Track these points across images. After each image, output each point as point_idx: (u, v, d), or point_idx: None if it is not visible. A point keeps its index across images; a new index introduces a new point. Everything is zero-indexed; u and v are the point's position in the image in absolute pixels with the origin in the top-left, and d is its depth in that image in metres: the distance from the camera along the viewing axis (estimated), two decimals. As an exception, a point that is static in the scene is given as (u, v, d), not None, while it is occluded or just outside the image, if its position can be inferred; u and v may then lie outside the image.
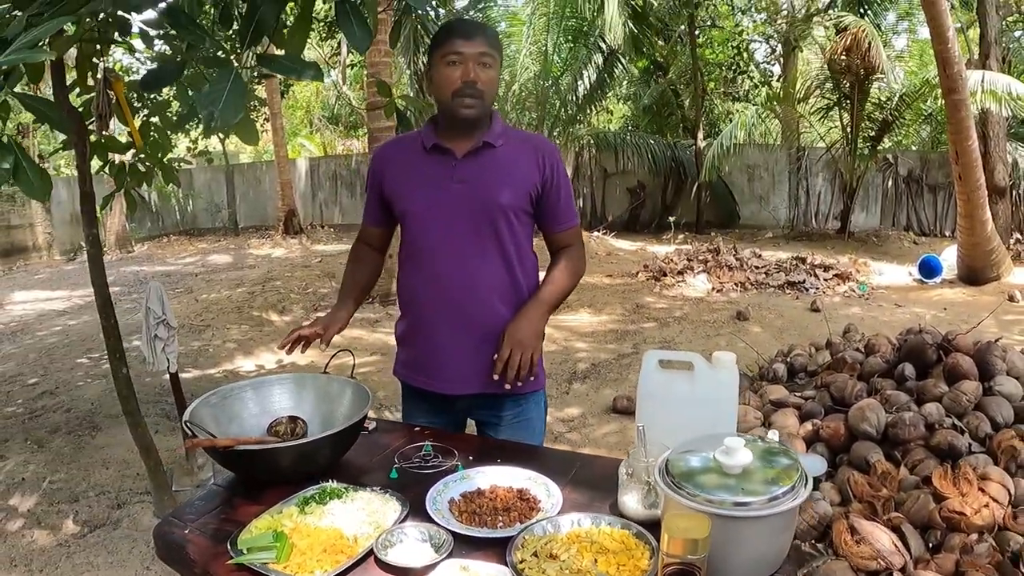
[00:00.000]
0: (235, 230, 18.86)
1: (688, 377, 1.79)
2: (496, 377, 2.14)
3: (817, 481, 3.34)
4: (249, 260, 13.98)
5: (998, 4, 11.85)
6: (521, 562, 1.41)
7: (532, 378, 2.20)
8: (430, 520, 1.59)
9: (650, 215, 16.28)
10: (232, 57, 2.12)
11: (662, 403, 1.77)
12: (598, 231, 14.99)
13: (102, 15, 2.54)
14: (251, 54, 1.93)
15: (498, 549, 1.48)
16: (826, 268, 9.97)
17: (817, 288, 9.30)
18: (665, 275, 10.18)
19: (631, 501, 1.59)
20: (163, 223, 18.91)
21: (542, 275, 2.33)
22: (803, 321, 7.71)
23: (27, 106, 1.98)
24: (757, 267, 10.25)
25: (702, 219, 15.65)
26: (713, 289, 9.54)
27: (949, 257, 10.08)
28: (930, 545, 2.83)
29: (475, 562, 1.44)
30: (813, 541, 3.02)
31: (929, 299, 8.89)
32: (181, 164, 4.54)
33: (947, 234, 13.45)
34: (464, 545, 1.51)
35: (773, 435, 1.54)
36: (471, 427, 2.45)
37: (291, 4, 2.69)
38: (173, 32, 2.67)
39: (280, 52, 2.22)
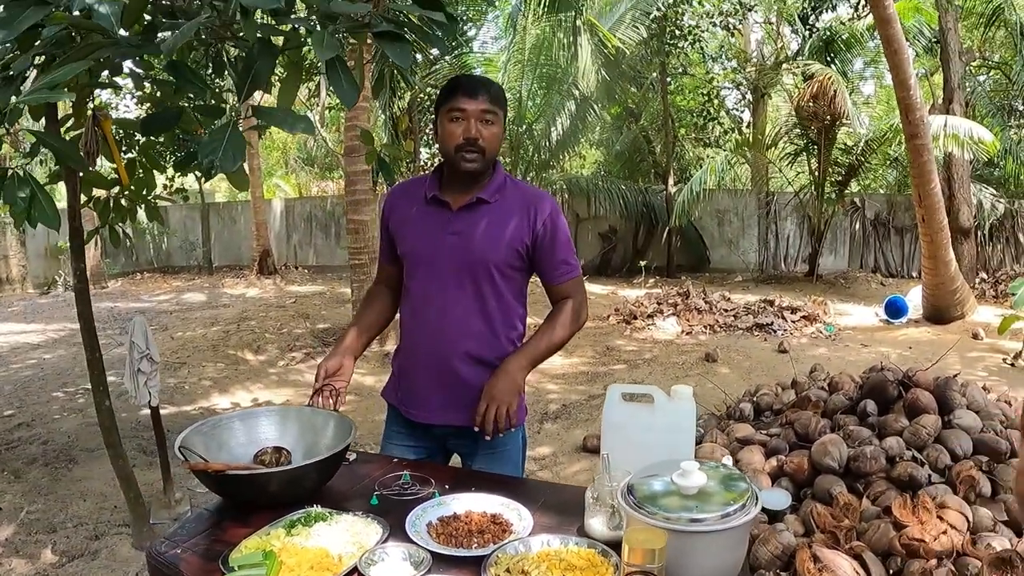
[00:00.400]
0: (209, 269, 18.86)
1: (649, 409, 1.92)
2: (476, 429, 2.23)
3: (782, 514, 3.47)
4: (224, 299, 13.99)
5: (960, 50, 12.29)
6: (495, 577, 1.52)
7: (511, 429, 2.28)
8: (410, 541, 1.70)
9: (621, 259, 16.50)
10: (229, 105, 2.25)
11: (625, 433, 1.90)
12: (570, 276, 15.10)
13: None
14: (247, 105, 2.07)
15: (473, 567, 1.59)
16: (794, 310, 10.17)
17: (785, 330, 9.49)
18: (635, 318, 10.32)
19: (597, 523, 1.71)
20: (137, 259, 18.89)
21: (532, 318, 2.46)
22: (771, 362, 7.87)
23: (45, 143, 2.10)
24: (726, 310, 10.43)
25: (673, 263, 15.89)
26: (682, 332, 9.68)
27: (915, 297, 10.34)
28: (891, 572, 2.95)
29: (452, 576, 1.55)
30: (778, 571, 3.14)
31: (895, 339, 9.11)
32: (157, 201, 4.64)
33: (914, 275, 13.77)
34: (442, 564, 1.62)
35: (728, 460, 1.67)
36: (454, 459, 2.57)
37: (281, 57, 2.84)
38: (164, 77, 2.80)
39: (261, 95, 2.36)
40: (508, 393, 2.23)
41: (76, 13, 1.61)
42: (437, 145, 2.33)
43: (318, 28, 1.95)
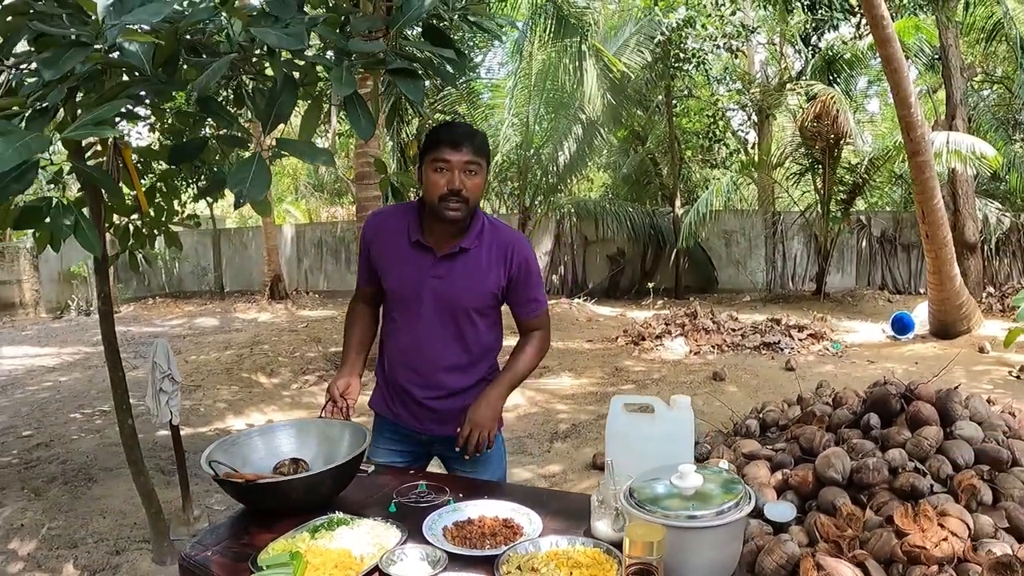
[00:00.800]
0: (221, 294, 19.04)
1: (650, 418, 2.04)
2: (458, 449, 2.43)
3: (787, 525, 3.55)
4: (236, 323, 14.15)
5: (962, 66, 12.41)
6: (507, 573, 1.63)
7: (490, 449, 2.48)
8: (427, 543, 1.82)
9: (630, 281, 16.63)
10: (255, 137, 2.40)
11: (627, 441, 2.02)
12: (579, 298, 15.28)
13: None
14: (271, 138, 2.21)
15: (486, 566, 1.70)
16: (800, 328, 10.26)
17: (792, 348, 9.57)
18: (644, 339, 10.42)
19: (602, 525, 1.82)
20: (149, 285, 19.09)
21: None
22: (778, 380, 7.95)
23: (84, 174, 2.24)
24: (734, 329, 10.52)
25: (681, 284, 16.00)
26: (690, 352, 9.77)
27: (921, 313, 10.41)
28: (892, 579, 3.03)
29: (467, 574, 1.66)
30: (781, 580, 3.21)
31: (901, 355, 9.18)
32: (170, 227, 4.79)
33: (921, 291, 13.83)
34: (457, 563, 1.73)
35: (723, 464, 1.77)
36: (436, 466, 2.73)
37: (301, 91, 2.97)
38: (184, 109, 2.94)
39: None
40: (489, 419, 2.45)
41: (116, 55, 1.75)
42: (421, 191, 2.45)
43: (334, 64, 2.08)
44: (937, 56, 13.37)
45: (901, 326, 10.22)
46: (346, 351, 2.66)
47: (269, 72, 2.35)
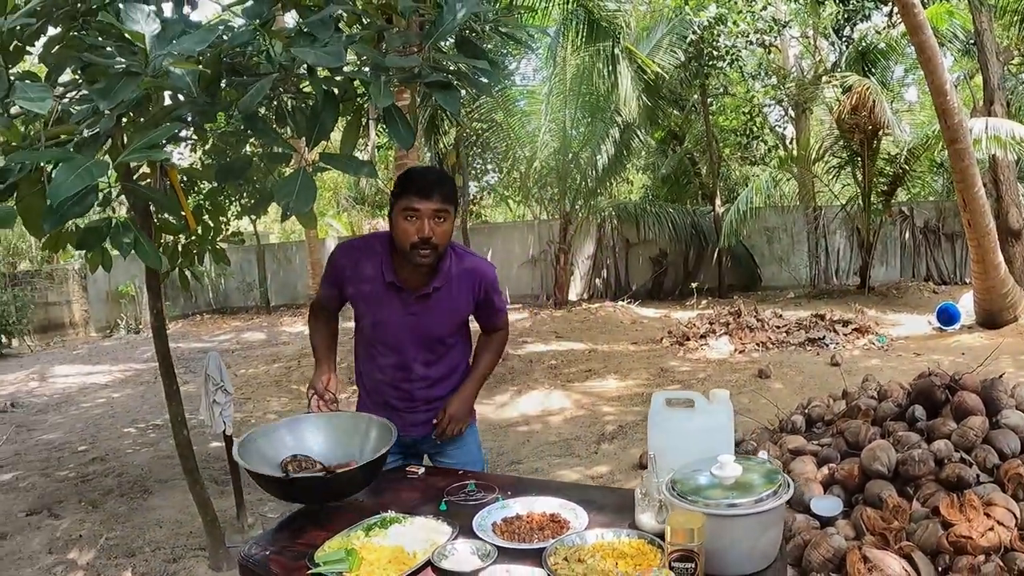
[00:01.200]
0: (267, 308, 19.29)
1: (690, 412, 2.08)
2: (434, 437, 2.75)
3: (833, 520, 3.56)
4: (283, 337, 14.37)
5: (998, 50, 12.18)
6: (555, 565, 1.69)
7: (459, 435, 2.79)
8: (476, 538, 1.89)
9: (673, 282, 16.57)
10: (298, 153, 2.49)
11: (669, 435, 2.07)
12: (622, 300, 15.28)
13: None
14: (315, 152, 2.30)
15: (535, 559, 1.76)
16: (845, 323, 10.16)
17: (837, 343, 9.49)
18: (688, 339, 10.41)
19: (646, 518, 1.87)
20: (196, 301, 19.43)
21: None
22: (823, 376, 7.90)
23: (137, 194, 2.35)
24: (778, 327, 10.45)
25: (724, 283, 15.89)
26: (735, 350, 9.75)
27: (966, 303, 10.24)
28: (940, 570, 3.02)
29: (516, 566, 1.72)
30: (830, 573, 3.23)
31: (948, 346, 9.06)
32: (217, 244, 4.93)
33: (967, 281, 13.57)
34: (506, 556, 1.80)
35: (763, 455, 1.82)
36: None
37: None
38: (227, 128, 3.06)
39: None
40: (464, 413, 2.79)
41: (163, 81, 1.84)
42: (394, 236, 2.54)
43: (372, 79, 2.16)
44: (972, 41, 13.11)
45: (947, 317, 10.08)
46: (318, 353, 2.80)
47: (308, 89, 2.44)
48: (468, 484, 2.31)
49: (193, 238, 4.68)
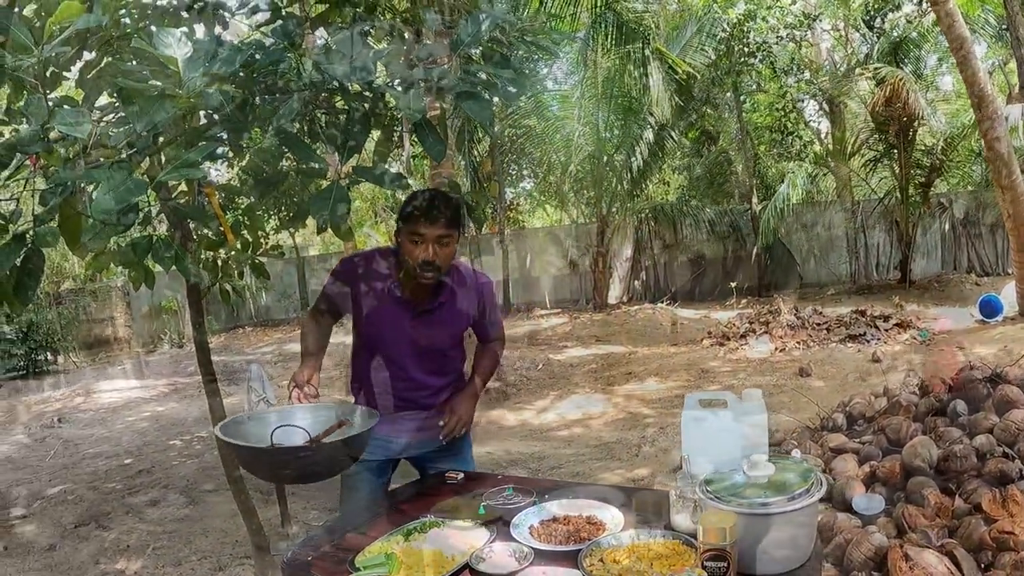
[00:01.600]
0: (308, 319, 19.42)
1: (723, 412, 2.09)
2: (441, 437, 2.75)
3: (875, 518, 3.53)
4: (325, 347, 14.45)
5: (1030, 34, 11.95)
6: (590, 567, 1.71)
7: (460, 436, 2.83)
8: (514, 541, 1.92)
9: (712, 282, 16.49)
10: (333, 167, 2.54)
11: (703, 435, 2.07)
12: (662, 302, 15.23)
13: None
14: (348, 165, 2.36)
15: (571, 561, 1.79)
16: (886, 319, 10.05)
17: (878, 339, 9.39)
18: (728, 340, 10.36)
19: (681, 519, 1.89)
20: (237, 315, 19.66)
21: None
22: (864, 372, 7.83)
23: (177, 212, 2.42)
24: (818, 324, 10.36)
25: (763, 282, 15.80)
26: (776, 349, 9.68)
27: (1009, 295, 10.06)
28: (982, 566, 2.99)
29: (553, 568, 1.75)
30: (871, 571, 3.20)
31: (991, 338, 8.90)
32: (256, 259, 4.99)
33: (1010, 272, 13.34)
34: (543, 558, 1.83)
35: (796, 454, 1.83)
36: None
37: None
38: (261, 145, 3.12)
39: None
40: (470, 414, 2.87)
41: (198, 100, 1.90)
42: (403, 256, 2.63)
43: (402, 92, 2.20)
44: (1004, 27, 12.89)
45: (990, 309, 9.90)
46: (306, 353, 2.84)
47: (340, 105, 2.49)
48: (506, 488, 2.34)
49: (232, 253, 4.75)
